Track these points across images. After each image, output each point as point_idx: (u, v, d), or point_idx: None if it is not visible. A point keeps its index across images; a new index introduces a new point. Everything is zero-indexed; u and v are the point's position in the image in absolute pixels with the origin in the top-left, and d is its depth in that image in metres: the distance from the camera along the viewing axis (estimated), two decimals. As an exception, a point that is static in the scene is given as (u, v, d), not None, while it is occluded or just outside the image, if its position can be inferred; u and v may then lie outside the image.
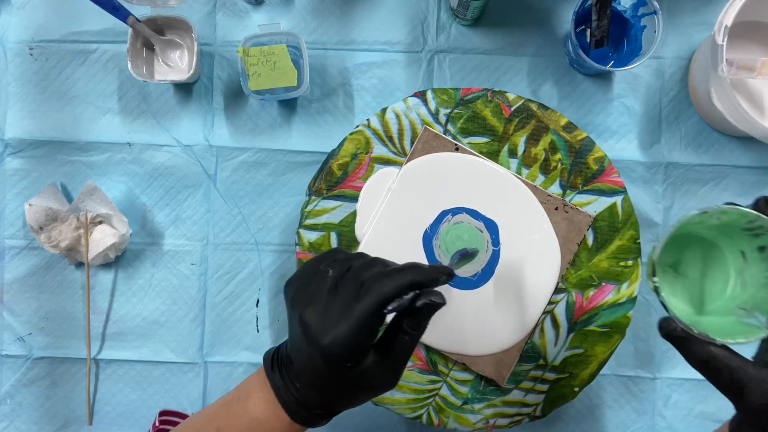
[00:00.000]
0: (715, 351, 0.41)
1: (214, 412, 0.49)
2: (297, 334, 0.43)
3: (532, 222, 0.62)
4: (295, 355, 0.44)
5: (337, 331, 0.40)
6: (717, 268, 0.48)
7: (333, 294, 0.42)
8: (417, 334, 0.42)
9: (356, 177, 0.64)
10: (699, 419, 0.68)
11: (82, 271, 0.69)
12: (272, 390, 0.45)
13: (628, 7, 0.63)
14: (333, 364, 0.41)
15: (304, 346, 0.42)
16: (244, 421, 0.46)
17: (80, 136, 0.70)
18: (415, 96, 0.64)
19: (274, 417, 0.45)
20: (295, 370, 0.44)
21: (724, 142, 0.68)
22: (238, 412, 0.47)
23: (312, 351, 0.41)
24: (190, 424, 0.49)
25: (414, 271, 0.41)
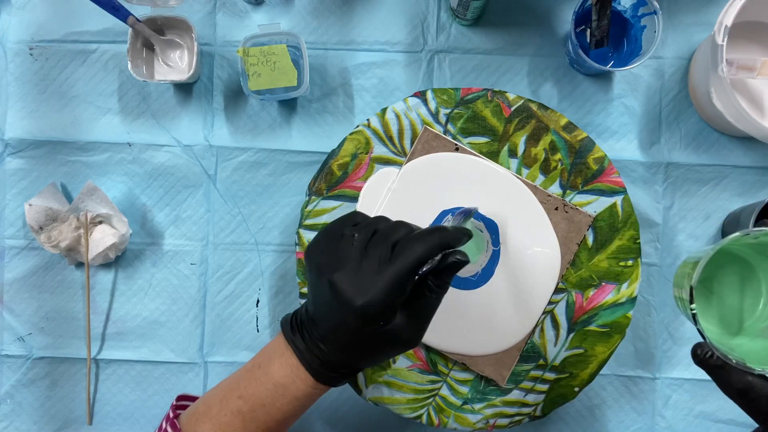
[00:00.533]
0: (753, 380, 0.41)
1: (235, 381, 0.49)
2: (325, 298, 0.44)
3: (532, 222, 0.62)
4: (322, 318, 0.45)
5: (372, 292, 0.42)
6: (749, 286, 0.48)
7: (363, 257, 0.43)
8: (442, 291, 0.44)
9: (356, 177, 0.64)
10: (699, 419, 0.68)
11: (82, 271, 0.70)
12: (294, 354, 0.46)
13: (628, 7, 0.63)
14: (366, 325, 0.42)
15: (335, 309, 0.43)
16: (268, 386, 0.47)
17: (80, 136, 0.70)
18: (415, 96, 0.64)
19: (298, 380, 0.47)
20: (321, 332, 0.45)
21: (724, 142, 0.68)
22: (260, 378, 0.48)
23: (344, 313, 0.42)
24: (213, 394, 0.50)
25: (442, 233, 0.43)
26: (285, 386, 0.47)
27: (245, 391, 0.48)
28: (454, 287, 0.62)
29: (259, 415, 0.48)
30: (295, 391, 0.47)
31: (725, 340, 0.46)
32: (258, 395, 0.48)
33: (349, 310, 0.42)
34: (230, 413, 0.48)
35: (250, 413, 0.48)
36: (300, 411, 0.49)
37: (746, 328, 0.47)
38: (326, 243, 0.46)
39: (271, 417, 0.48)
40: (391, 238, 0.44)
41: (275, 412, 0.48)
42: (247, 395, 0.48)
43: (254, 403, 0.48)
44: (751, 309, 0.47)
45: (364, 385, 0.63)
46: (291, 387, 0.47)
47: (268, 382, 0.47)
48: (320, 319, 0.45)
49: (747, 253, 0.47)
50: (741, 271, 0.48)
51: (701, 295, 0.47)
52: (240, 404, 0.48)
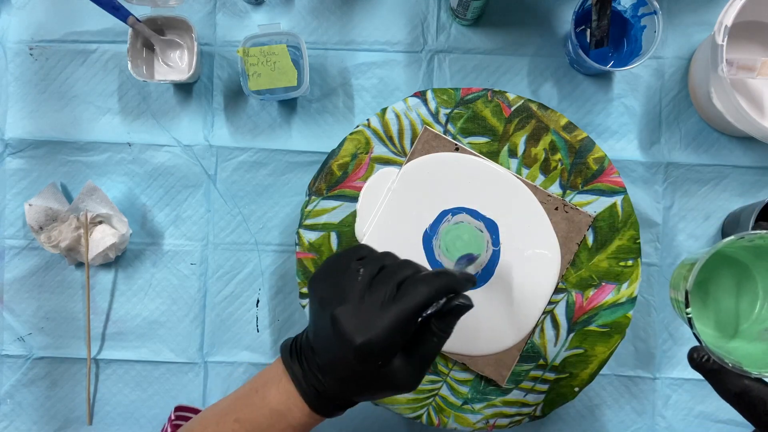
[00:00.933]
0: (749, 384, 0.41)
1: (231, 404, 0.49)
2: (326, 330, 0.43)
3: (532, 222, 0.62)
4: (322, 349, 0.44)
5: (373, 330, 0.41)
6: (745, 289, 0.47)
7: (367, 293, 0.43)
8: (445, 336, 0.43)
9: (356, 177, 0.64)
10: (699, 419, 0.68)
11: (82, 271, 0.69)
12: (292, 381, 0.46)
13: (628, 7, 0.63)
14: (363, 363, 0.42)
15: (335, 342, 0.42)
16: (264, 412, 0.46)
17: (80, 136, 0.70)
18: (415, 96, 0.64)
19: (295, 408, 0.46)
20: (320, 363, 0.44)
21: (724, 142, 0.68)
22: (257, 403, 0.47)
23: (344, 349, 0.42)
24: (208, 415, 0.50)
25: (448, 277, 0.43)
26: (281, 413, 0.46)
27: (241, 415, 0.47)
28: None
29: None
30: (291, 420, 0.46)
31: (721, 344, 0.46)
32: (255, 421, 0.47)
33: (348, 347, 0.41)
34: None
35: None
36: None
37: (742, 331, 0.47)
38: (331, 275, 0.45)
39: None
40: (397, 276, 0.43)
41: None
42: (244, 419, 0.47)
43: (250, 427, 0.47)
44: (747, 312, 0.47)
45: (364, 385, 0.63)
46: (287, 415, 0.46)
47: (264, 408, 0.47)
48: (320, 350, 0.45)
49: (743, 256, 0.47)
50: (737, 274, 0.48)
51: (697, 298, 0.47)
52: (236, 428, 0.47)
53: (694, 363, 0.43)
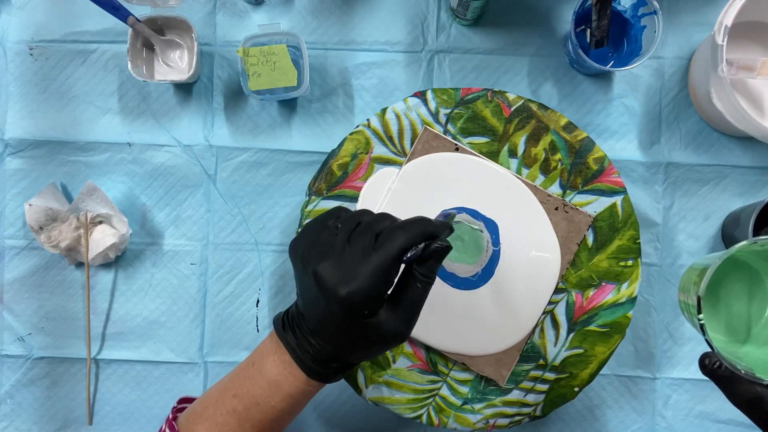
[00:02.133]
0: (762, 391, 0.40)
1: (230, 380, 0.49)
2: (311, 290, 0.44)
3: (532, 222, 0.62)
4: (310, 312, 0.45)
5: (355, 281, 0.41)
6: (756, 293, 0.47)
7: (347, 247, 0.43)
8: (429, 281, 0.44)
9: (356, 177, 0.64)
10: (699, 419, 0.68)
11: (82, 271, 0.69)
12: (287, 350, 0.46)
13: (628, 7, 0.63)
14: (350, 315, 0.42)
15: (321, 300, 0.43)
16: (261, 384, 0.47)
17: (80, 136, 0.70)
18: (415, 96, 0.64)
19: (291, 377, 0.47)
20: (310, 326, 0.45)
21: (724, 142, 0.68)
22: (254, 376, 0.48)
23: (329, 304, 0.42)
24: (208, 395, 0.51)
25: (425, 222, 0.44)
26: (278, 384, 0.47)
27: (240, 390, 0.48)
28: (455, 287, 0.62)
29: (253, 414, 0.48)
30: (288, 389, 0.47)
31: (733, 349, 0.45)
32: (252, 393, 0.48)
33: (333, 300, 0.42)
34: (225, 413, 0.48)
35: (245, 412, 0.48)
36: (295, 409, 0.49)
37: (753, 335, 0.46)
38: (309, 236, 0.46)
39: (265, 415, 0.48)
40: (374, 228, 0.44)
41: (269, 410, 0.48)
42: (242, 394, 0.48)
43: (249, 401, 0.48)
44: (758, 316, 0.47)
45: (364, 385, 0.63)
46: (284, 384, 0.47)
47: (261, 380, 0.47)
48: (309, 313, 0.45)
49: (753, 260, 0.47)
50: (747, 278, 0.47)
51: (707, 302, 0.47)
52: (235, 403, 0.48)
53: (706, 369, 0.43)
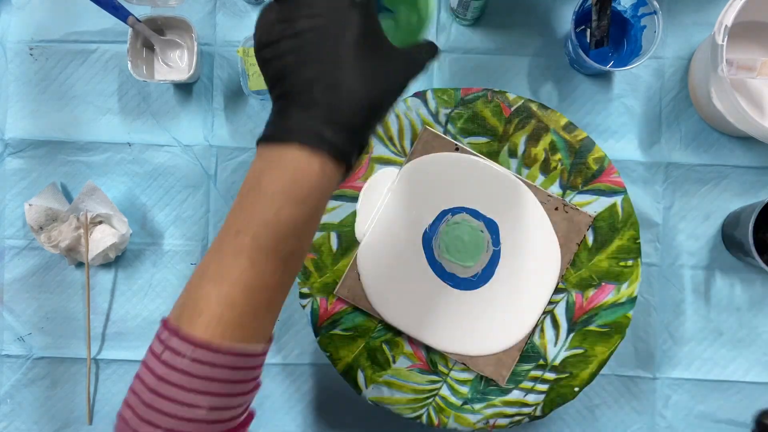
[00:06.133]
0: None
1: (226, 224, 0.40)
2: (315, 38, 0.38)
3: (532, 222, 0.62)
4: (315, 68, 0.38)
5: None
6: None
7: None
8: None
9: (356, 177, 0.64)
10: (699, 419, 0.68)
11: (82, 271, 0.69)
12: (291, 143, 0.38)
13: (628, 7, 0.63)
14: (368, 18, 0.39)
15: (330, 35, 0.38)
16: (265, 202, 0.39)
17: (80, 136, 0.70)
18: (415, 96, 0.64)
19: (302, 172, 0.38)
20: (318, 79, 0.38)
21: (724, 142, 0.68)
22: (255, 201, 0.39)
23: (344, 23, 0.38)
24: (208, 254, 0.41)
25: None
26: (290, 187, 0.38)
27: (242, 224, 0.39)
28: (455, 287, 0.62)
29: (263, 240, 0.39)
30: (300, 191, 0.38)
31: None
32: (257, 217, 0.38)
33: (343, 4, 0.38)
34: (231, 255, 0.39)
35: (253, 242, 0.38)
36: (312, 218, 0.41)
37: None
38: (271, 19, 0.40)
39: (279, 235, 0.39)
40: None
41: (282, 226, 0.39)
42: (245, 225, 0.39)
43: (256, 228, 0.38)
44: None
45: (364, 385, 0.63)
46: (295, 186, 0.38)
47: (264, 199, 0.39)
48: (314, 71, 0.38)
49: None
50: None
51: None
52: (240, 240, 0.39)
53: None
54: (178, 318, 0.40)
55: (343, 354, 0.63)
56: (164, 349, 0.39)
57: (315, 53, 0.38)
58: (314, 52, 0.38)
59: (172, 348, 0.39)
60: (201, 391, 0.38)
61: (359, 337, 0.63)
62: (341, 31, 0.38)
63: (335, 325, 0.63)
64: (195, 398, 0.38)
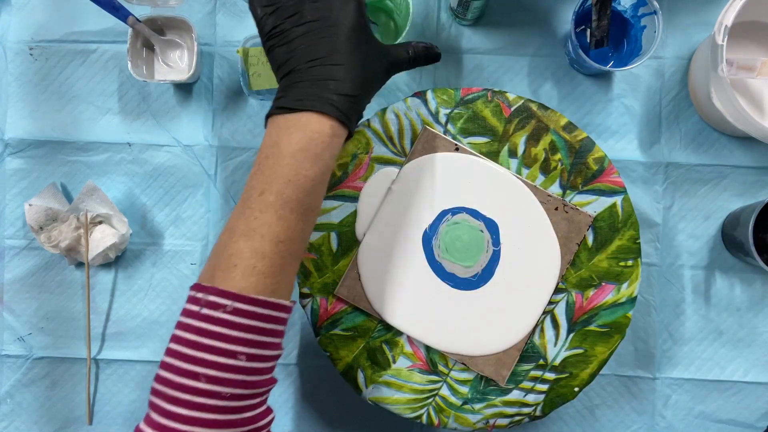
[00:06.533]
0: None
1: (250, 188, 0.46)
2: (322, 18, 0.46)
3: (532, 222, 0.62)
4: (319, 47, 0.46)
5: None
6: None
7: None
8: None
9: (356, 177, 0.64)
10: (699, 419, 0.68)
11: (82, 271, 0.70)
12: (304, 109, 0.45)
13: (628, 7, 0.63)
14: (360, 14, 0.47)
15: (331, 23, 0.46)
16: (286, 161, 0.45)
17: (80, 136, 0.70)
18: (415, 96, 0.64)
19: (316, 133, 0.45)
20: (326, 57, 0.46)
21: (724, 142, 0.68)
22: (276, 163, 0.45)
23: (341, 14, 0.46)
24: (233, 214, 0.47)
25: None
26: (305, 148, 0.44)
27: (266, 184, 0.44)
28: (455, 287, 0.62)
29: (288, 194, 0.44)
30: (315, 147, 0.45)
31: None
32: (280, 175, 0.44)
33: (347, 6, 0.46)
34: (259, 211, 0.44)
35: (279, 198, 0.44)
36: (325, 173, 0.47)
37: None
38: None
39: (301, 191, 0.45)
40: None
41: (303, 181, 0.45)
42: (269, 185, 0.44)
43: (279, 186, 0.44)
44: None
45: (364, 385, 0.63)
46: (311, 145, 0.45)
47: (285, 159, 0.44)
48: (318, 50, 0.46)
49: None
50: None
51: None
52: (265, 197, 0.44)
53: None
54: (212, 277, 0.44)
55: (343, 354, 0.63)
56: (202, 306, 0.42)
57: (319, 38, 0.46)
58: (319, 37, 0.46)
59: (212, 302, 0.42)
60: (240, 339, 0.42)
61: (359, 337, 0.63)
62: (341, 20, 0.46)
63: (335, 325, 0.63)
64: (235, 347, 0.42)
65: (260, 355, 0.44)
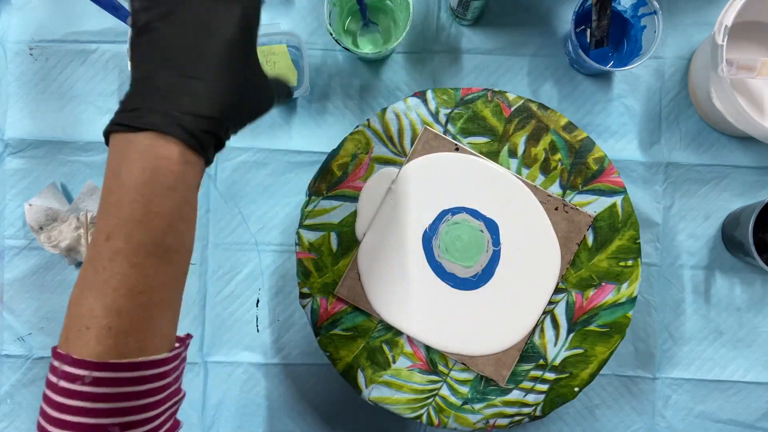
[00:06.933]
0: None
1: (96, 229, 0.38)
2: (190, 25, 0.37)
3: (532, 222, 0.62)
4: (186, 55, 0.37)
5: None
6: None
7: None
8: None
9: (356, 177, 0.64)
10: (699, 419, 0.68)
11: (82, 271, 0.69)
12: (147, 132, 0.36)
13: (628, 7, 0.63)
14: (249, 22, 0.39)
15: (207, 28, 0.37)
16: (130, 198, 0.36)
17: (80, 136, 0.70)
18: (415, 96, 0.64)
19: (162, 161, 0.36)
20: (190, 67, 0.37)
21: (724, 142, 0.68)
22: (118, 200, 0.36)
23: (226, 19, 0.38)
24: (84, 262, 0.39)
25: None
26: (149, 181, 0.36)
27: (110, 227, 0.36)
28: (455, 287, 0.62)
29: (138, 236, 0.36)
30: (162, 179, 0.36)
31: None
32: (125, 218, 0.36)
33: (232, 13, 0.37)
34: (108, 260, 0.36)
35: (128, 243, 0.36)
36: (183, 210, 0.38)
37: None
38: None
39: (154, 231, 0.37)
40: None
41: (154, 220, 0.36)
42: (114, 229, 0.36)
43: (127, 229, 0.36)
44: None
45: (364, 385, 0.63)
46: (156, 177, 0.36)
47: (128, 195, 0.36)
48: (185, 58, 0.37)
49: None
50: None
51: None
52: (112, 244, 0.36)
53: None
54: (67, 341, 0.37)
55: (343, 354, 0.63)
56: (59, 378, 0.36)
57: (188, 44, 0.37)
58: (187, 43, 0.37)
59: (68, 373, 0.36)
60: (108, 411, 0.36)
61: (359, 337, 0.63)
62: (220, 29, 0.37)
63: (335, 325, 0.63)
64: (104, 420, 0.36)
65: (140, 420, 0.38)
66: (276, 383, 0.69)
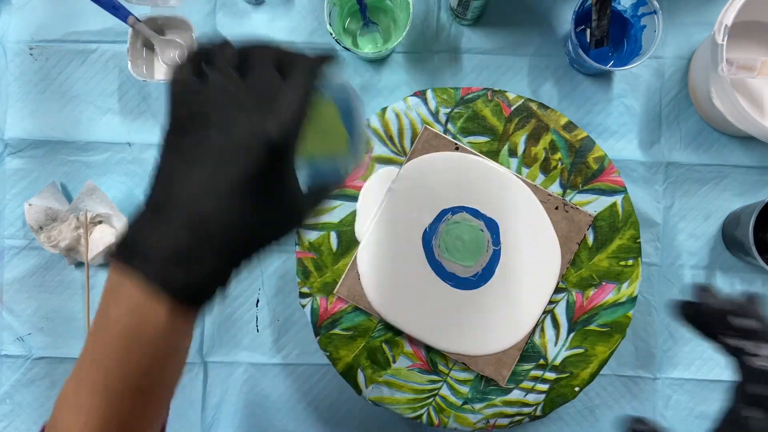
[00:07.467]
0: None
1: (86, 340, 0.37)
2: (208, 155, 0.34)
3: (532, 221, 0.62)
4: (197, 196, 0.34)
5: (282, 113, 0.34)
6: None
7: (245, 88, 0.35)
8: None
9: (356, 177, 0.64)
10: (699, 419, 0.67)
11: (82, 271, 0.69)
12: (140, 276, 0.33)
13: (628, 7, 0.63)
14: (280, 150, 0.34)
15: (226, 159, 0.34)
16: (114, 333, 0.34)
17: (80, 136, 0.70)
18: (415, 95, 0.64)
19: (151, 311, 0.33)
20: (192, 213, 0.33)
21: (724, 142, 0.68)
22: (106, 328, 0.35)
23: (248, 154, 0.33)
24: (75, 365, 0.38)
25: (324, 52, 0.38)
26: (135, 327, 0.34)
27: (95, 353, 0.36)
28: (455, 287, 0.62)
29: (115, 382, 0.35)
30: (149, 329, 0.34)
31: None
32: (108, 353, 0.35)
33: (256, 147, 0.33)
34: (86, 390, 0.35)
35: (105, 381, 0.35)
36: (167, 364, 0.37)
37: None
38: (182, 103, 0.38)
39: (131, 380, 0.35)
40: (263, 58, 0.36)
41: (133, 370, 0.35)
42: (98, 357, 0.35)
43: (108, 364, 0.35)
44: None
45: (364, 385, 0.63)
46: (143, 326, 0.34)
47: (113, 330, 0.34)
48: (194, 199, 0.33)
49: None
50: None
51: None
52: (93, 373, 0.35)
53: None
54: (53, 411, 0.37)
55: (343, 354, 0.63)
56: None
57: (203, 169, 0.34)
58: (205, 167, 0.34)
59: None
60: None
61: (359, 336, 0.63)
62: (241, 163, 0.33)
63: (335, 325, 0.63)
64: None
65: None
66: (276, 383, 0.69)
